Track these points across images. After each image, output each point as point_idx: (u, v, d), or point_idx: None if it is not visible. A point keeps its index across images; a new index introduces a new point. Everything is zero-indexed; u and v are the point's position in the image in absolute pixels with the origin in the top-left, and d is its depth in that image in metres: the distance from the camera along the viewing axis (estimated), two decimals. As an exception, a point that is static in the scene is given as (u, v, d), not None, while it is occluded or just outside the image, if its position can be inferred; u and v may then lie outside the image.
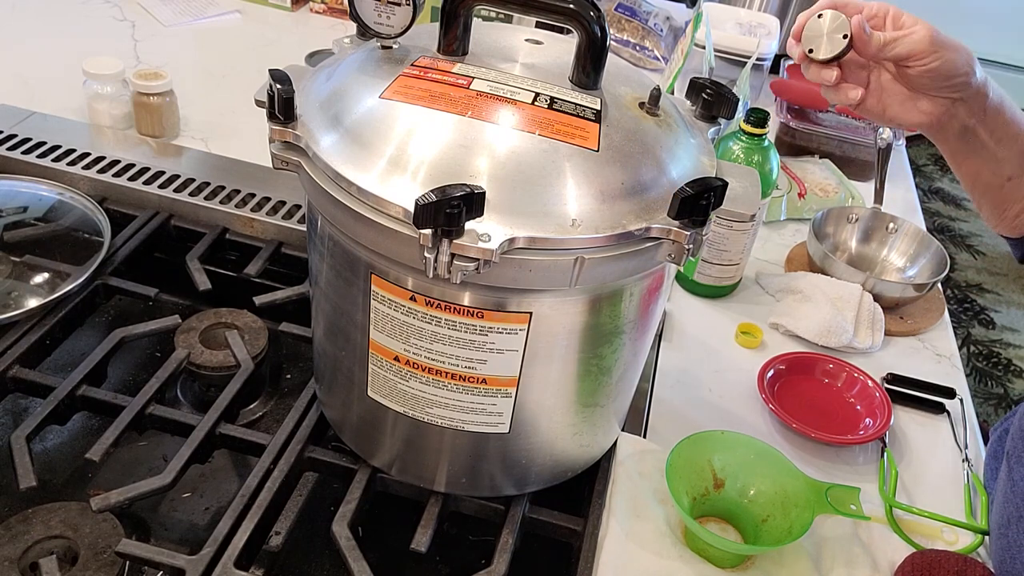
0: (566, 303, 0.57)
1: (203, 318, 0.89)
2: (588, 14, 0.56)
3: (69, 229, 0.94)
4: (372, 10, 0.61)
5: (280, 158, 0.58)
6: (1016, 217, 0.76)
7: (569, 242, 0.52)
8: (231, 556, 0.66)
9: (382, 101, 0.57)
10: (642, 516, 0.70)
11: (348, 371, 0.66)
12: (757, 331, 0.95)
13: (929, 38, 0.66)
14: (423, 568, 0.78)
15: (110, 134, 1.10)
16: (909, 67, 0.67)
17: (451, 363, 0.59)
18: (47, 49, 1.31)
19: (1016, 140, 0.73)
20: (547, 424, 0.66)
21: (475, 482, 0.70)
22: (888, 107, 0.70)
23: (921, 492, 0.80)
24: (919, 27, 0.67)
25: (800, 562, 0.68)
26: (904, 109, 0.70)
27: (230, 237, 0.99)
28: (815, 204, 1.19)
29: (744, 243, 0.96)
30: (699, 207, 0.53)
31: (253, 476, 0.72)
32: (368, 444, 0.71)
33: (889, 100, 0.70)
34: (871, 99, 0.71)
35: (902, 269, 1.09)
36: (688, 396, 0.87)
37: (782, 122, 1.32)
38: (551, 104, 0.58)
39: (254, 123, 1.11)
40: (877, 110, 0.71)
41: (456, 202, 0.48)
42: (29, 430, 0.73)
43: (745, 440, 0.72)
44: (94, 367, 0.80)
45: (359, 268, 0.58)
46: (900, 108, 0.70)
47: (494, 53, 0.63)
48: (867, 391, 0.88)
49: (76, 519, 0.69)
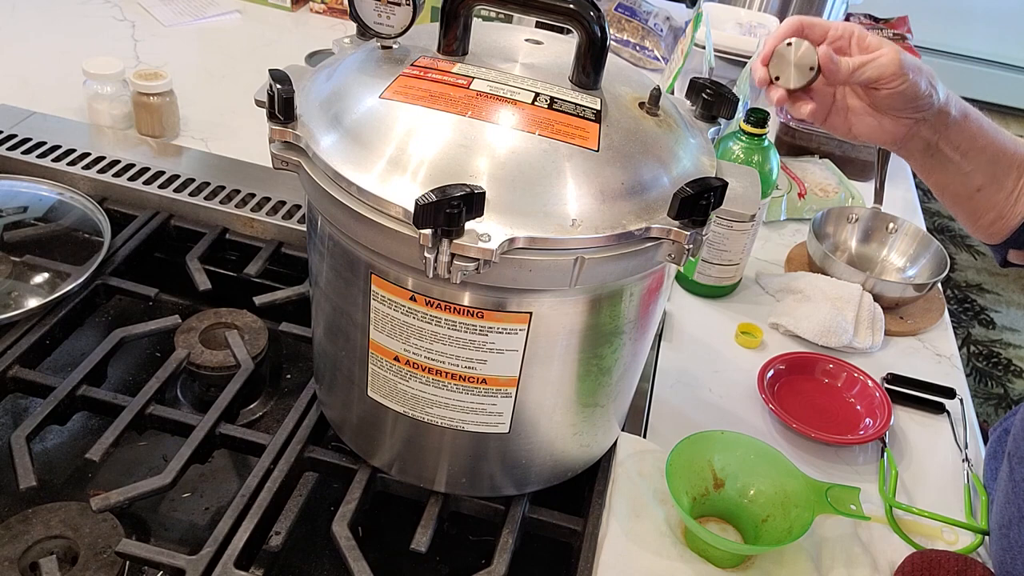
0: (566, 303, 0.57)
1: (203, 318, 0.89)
2: (588, 14, 0.56)
3: (69, 229, 0.94)
4: (372, 10, 0.61)
5: (280, 158, 0.58)
6: (992, 224, 0.76)
7: (569, 242, 0.52)
8: (231, 556, 0.66)
9: (382, 101, 0.57)
10: (642, 516, 0.70)
11: (348, 371, 0.66)
12: (757, 331, 0.95)
13: (897, 61, 0.66)
14: (423, 568, 0.78)
15: (110, 134, 1.11)
16: (877, 90, 0.68)
17: (451, 363, 0.59)
18: (47, 49, 1.31)
19: (983, 151, 0.72)
20: (547, 424, 0.66)
21: (475, 482, 0.70)
22: (853, 125, 0.71)
23: (921, 492, 0.80)
24: (886, 49, 0.67)
25: (800, 562, 0.68)
26: (869, 128, 0.71)
27: (230, 237, 0.99)
28: (815, 204, 1.19)
29: (744, 243, 0.96)
30: (699, 207, 0.53)
31: (253, 476, 0.72)
32: (368, 444, 0.71)
33: (854, 119, 0.71)
34: (836, 118, 0.72)
35: (902, 269, 1.09)
36: (688, 396, 0.87)
37: (782, 122, 1.32)
38: (551, 104, 0.58)
39: (254, 123, 1.12)
40: (843, 128, 0.72)
41: (456, 202, 0.48)
42: (29, 430, 0.73)
43: (745, 440, 0.72)
44: (94, 367, 0.80)
45: (359, 268, 0.58)
46: (864, 127, 0.71)
47: (494, 53, 0.63)
48: (867, 391, 0.88)
49: (76, 519, 0.69)
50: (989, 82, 3.56)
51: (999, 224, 0.76)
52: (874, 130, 0.70)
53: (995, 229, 0.76)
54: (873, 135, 0.71)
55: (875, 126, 0.70)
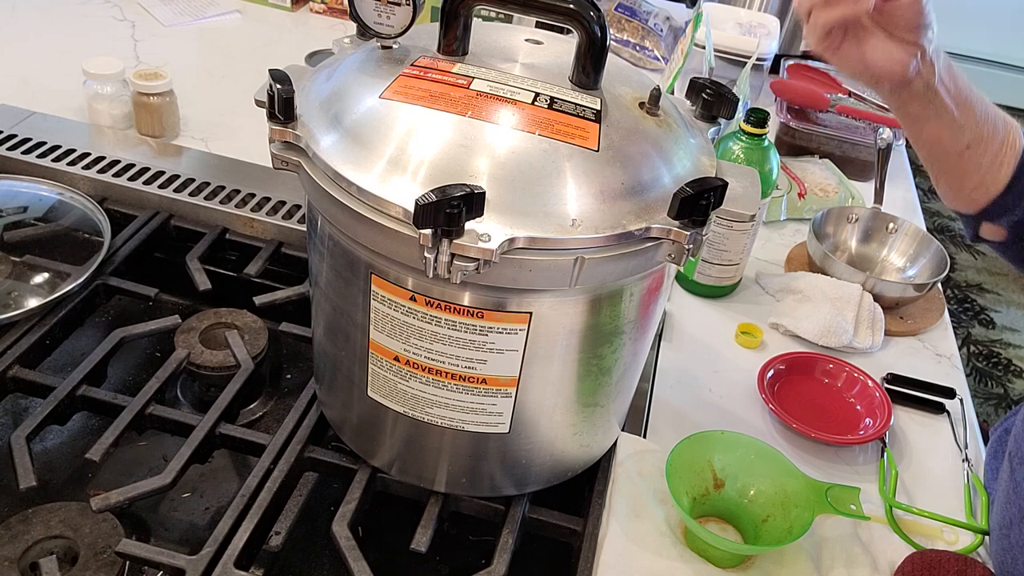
0: (566, 303, 0.57)
1: (203, 318, 0.89)
2: (588, 14, 0.56)
3: (69, 229, 0.94)
4: (372, 10, 0.61)
5: (280, 158, 0.58)
6: (974, 189, 0.77)
7: (569, 242, 0.52)
8: (231, 556, 0.66)
9: (382, 101, 0.57)
10: (642, 516, 0.70)
11: (348, 371, 0.66)
12: (757, 331, 0.95)
13: None
14: (423, 568, 0.78)
15: (110, 134, 1.11)
16: None
17: (451, 363, 0.59)
18: (47, 49, 1.31)
19: (972, 108, 0.74)
20: (547, 424, 0.66)
21: (475, 482, 0.70)
22: (867, 53, 0.71)
23: (921, 492, 0.80)
24: None
25: (800, 562, 0.68)
26: (881, 55, 0.71)
27: (230, 237, 0.99)
28: (815, 204, 1.19)
29: (744, 243, 0.96)
30: (699, 207, 0.53)
31: (253, 476, 0.72)
32: (368, 444, 0.71)
33: (868, 46, 0.71)
34: (850, 45, 0.71)
35: (902, 269, 1.09)
36: (688, 396, 0.87)
37: (782, 122, 1.32)
38: (551, 104, 0.58)
39: (254, 123, 1.11)
40: (856, 57, 0.71)
41: (456, 202, 0.48)
42: (29, 430, 0.73)
43: (745, 440, 0.72)
44: (94, 367, 0.80)
45: (359, 268, 0.58)
46: (878, 54, 0.71)
47: (494, 53, 0.63)
48: (867, 391, 0.88)
49: (76, 519, 0.69)
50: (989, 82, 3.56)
51: (980, 191, 0.77)
52: (885, 57, 0.71)
53: (976, 195, 0.77)
54: (883, 63, 0.71)
55: (887, 54, 0.70)
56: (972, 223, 0.80)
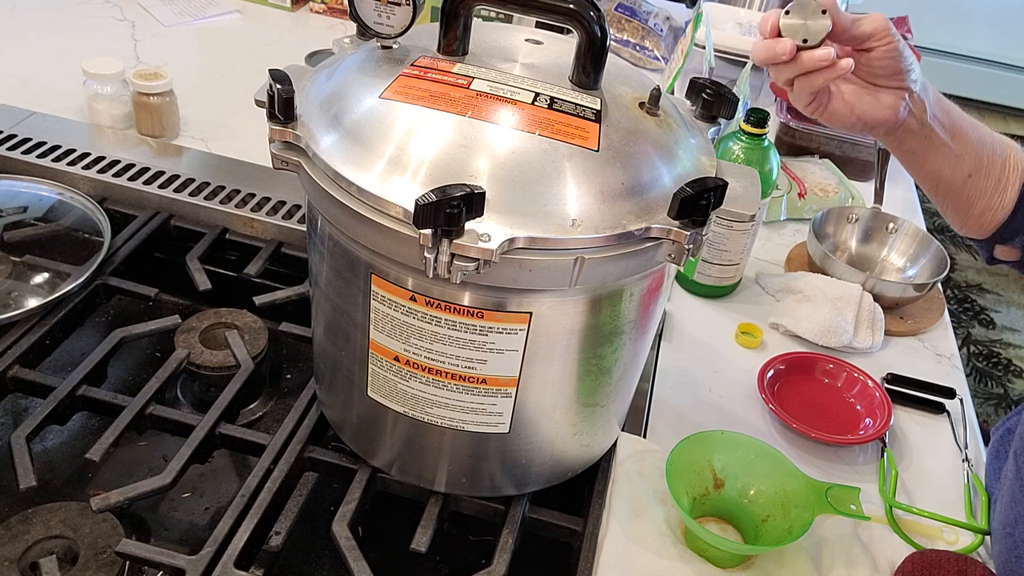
0: (566, 303, 0.57)
1: (203, 318, 0.89)
2: (588, 14, 0.56)
3: (69, 229, 0.94)
4: (372, 10, 0.61)
5: (280, 158, 0.58)
6: (981, 215, 0.77)
7: (569, 242, 0.52)
8: (231, 556, 0.66)
9: (382, 101, 0.57)
10: (642, 516, 0.70)
11: (348, 371, 0.66)
12: (757, 331, 0.95)
13: (884, 18, 0.69)
14: (423, 568, 0.78)
15: (110, 134, 1.11)
16: (872, 49, 0.69)
17: (451, 363, 0.59)
18: (47, 49, 1.31)
19: (968, 137, 0.75)
20: (547, 424, 0.66)
21: (475, 482, 0.70)
22: (855, 105, 0.71)
23: (921, 492, 0.80)
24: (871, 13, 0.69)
25: (800, 562, 0.68)
26: (869, 105, 0.72)
27: (230, 237, 0.99)
28: (815, 204, 1.19)
29: (744, 243, 0.96)
30: (699, 207, 0.53)
31: (253, 476, 0.72)
32: (368, 444, 0.71)
33: (854, 100, 0.72)
34: (837, 103, 0.72)
35: (902, 269, 1.09)
36: (688, 396, 0.87)
37: (782, 122, 1.32)
38: (551, 104, 0.58)
39: (254, 123, 1.11)
40: (845, 112, 0.72)
41: (456, 202, 0.48)
42: (29, 430, 0.73)
43: (745, 440, 0.72)
44: (94, 367, 0.80)
45: (359, 268, 0.58)
46: (865, 105, 0.72)
47: (494, 53, 0.63)
48: (867, 391, 0.88)
49: (76, 519, 0.69)
50: (989, 82, 3.56)
51: (988, 216, 0.77)
52: (874, 106, 0.71)
53: (984, 220, 0.78)
54: (874, 112, 0.72)
55: (874, 102, 0.71)
56: (986, 247, 0.80)
